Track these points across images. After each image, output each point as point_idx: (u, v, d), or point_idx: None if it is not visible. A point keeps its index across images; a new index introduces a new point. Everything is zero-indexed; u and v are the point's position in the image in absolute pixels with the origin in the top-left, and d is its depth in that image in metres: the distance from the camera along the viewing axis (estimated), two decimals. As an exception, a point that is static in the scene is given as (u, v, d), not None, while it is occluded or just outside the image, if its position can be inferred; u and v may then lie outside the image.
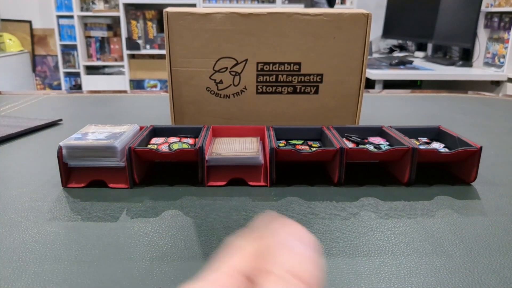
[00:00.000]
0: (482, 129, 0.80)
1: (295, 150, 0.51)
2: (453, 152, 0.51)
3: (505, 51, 2.55)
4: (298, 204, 0.47)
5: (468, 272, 0.35)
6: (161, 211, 0.45)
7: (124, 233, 0.41)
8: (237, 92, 0.66)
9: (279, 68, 0.64)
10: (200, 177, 0.51)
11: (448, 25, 2.78)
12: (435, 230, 0.42)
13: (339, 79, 0.65)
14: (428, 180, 0.54)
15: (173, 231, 0.41)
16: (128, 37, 3.90)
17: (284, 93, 0.66)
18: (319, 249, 0.23)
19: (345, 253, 0.38)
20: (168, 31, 0.62)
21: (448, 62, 2.77)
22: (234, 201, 0.48)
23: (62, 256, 0.37)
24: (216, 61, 0.64)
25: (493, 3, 2.63)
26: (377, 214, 0.45)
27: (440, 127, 0.60)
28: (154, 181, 0.53)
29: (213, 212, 0.45)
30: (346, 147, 0.50)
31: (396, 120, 0.86)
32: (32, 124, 0.76)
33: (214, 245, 0.39)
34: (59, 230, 0.41)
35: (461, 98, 1.12)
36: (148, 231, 0.41)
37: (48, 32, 4.15)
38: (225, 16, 0.61)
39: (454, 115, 0.91)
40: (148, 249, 0.38)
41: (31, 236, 0.40)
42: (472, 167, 0.52)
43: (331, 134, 0.55)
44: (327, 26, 0.62)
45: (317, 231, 0.42)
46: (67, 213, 0.45)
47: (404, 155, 0.51)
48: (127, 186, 0.51)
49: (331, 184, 0.52)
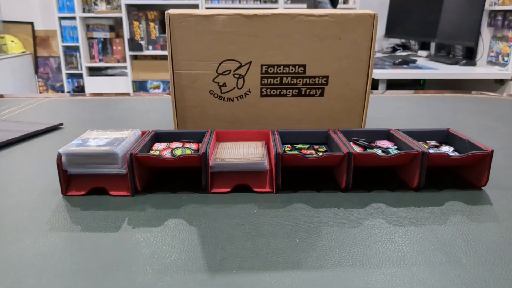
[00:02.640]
0: (489, 130, 0.78)
1: (301, 155, 0.49)
2: (464, 156, 0.49)
3: (509, 49, 2.53)
4: (305, 211, 0.46)
5: (483, 283, 0.34)
6: (164, 220, 0.44)
7: (125, 244, 0.40)
8: (241, 95, 0.64)
9: (283, 70, 0.63)
10: (204, 184, 0.50)
11: (451, 23, 2.75)
12: (448, 238, 0.41)
13: (345, 81, 0.64)
14: (438, 184, 0.52)
15: (177, 241, 0.40)
16: (131, 38, 3.90)
17: (289, 95, 0.64)
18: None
19: (355, 263, 0.37)
20: (170, 33, 0.60)
21: (451, 61, 2.75)
22: (239, 208, 0.47)
23: (61, 269, 0.36)
24: (219, 64, 0.62)
25: (497, 1, 2.61)
26: (386, 222, 0.44)
27: (449, 129, 0.58)
28: (157, 188, 0.52)
29: (218, 220, 0.44)
30: (354, 151, 0.49)
31: (401, 122, 0.84)
32: (33, 129, 0.74)
33: (219, 256, 0.38)
34: (59, 241, 0.40)
35: (465, 98, 1.11)
36: (151, 242, 0.40)
37: (50, 33, 4.15)
38: (228, 17, 0.60)
39: (460, 116, 0.90)
40: (151, 261, 0.37)
41: (30, 247, 0.39)
42: (483, 171, 0.50)
43: (337, 138, 0.54)
44: (333, 27, 0.61)
45: (325, 240, 0.40)
46: (66, 223, 0.43)
47: (413, 159, 0.50)
48: (129, 194, 0.49)
49: (338, 189, 0.51)
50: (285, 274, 0.35)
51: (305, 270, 0.36)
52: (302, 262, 0.37)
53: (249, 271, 0.36)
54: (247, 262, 0.37)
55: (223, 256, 0.38)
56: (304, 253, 0.38)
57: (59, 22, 3.89)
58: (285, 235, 0.41)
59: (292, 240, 0.40)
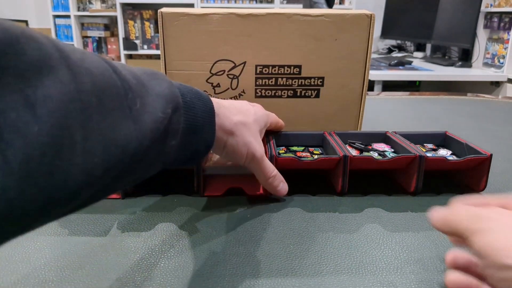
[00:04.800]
0: (486, 133, 0.78)
1: (296, 158, 0.48)
2: (462, 160, 0.48)
3: (505, 51, 2.53)
4: (299, 215, 0.45)
5: (483, 293, 0.33)
6: (154, 224, 0.43)
7: (114, 249, 0.38)
8: (235, 96, 0.63)
9: (278, 71, 0.62)
10: (196, 186, 0.49)
11: (447, 25, 2.76)
12: (446, 244, 0.40)
13: (341, 83, 0.63)
14: (435, 189, 0.51)
15: (167, 246, 0.39)
16: (125, 37, 3.88)
17: (284, 97, 0.63)
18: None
19: (351, 270, 0.36)
20: (163, 32, 0.59)
21: (447, 63, 2.75)
22: (231, 212, 0.46)
23: (47, 276, 0.34)
24: (213, 64, 0.61)
25: (493, 3, 2.61)
26: (383, 227, 0.43)
27: (446, 132, 0.57)
28: (148, 190, 0.50)
29: (209, 224, 0.43)
30: (350, 154, 0.48)
31: (397, 124, 0.84)
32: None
33: (210, 263, 0.36)
34: (44, 246, 0.39)
35: (460, 100, 1.10)
36: (140, 247, 0.39)
37: (45, 32, 4.11)
38: (223, 17, 0.58)
39: (456, 118, 0.89)
40: (139, 267, 0.36)
41: (13, 253, 0.37)
42: (481, 175, 0.49)
43: (333, 141, 0.53)
44: (329, 28, 0.60)
45: (320, 246, 0.39)
46: (53, 226, 0.42)
47: (410, 163, 0.49)
48: (119, 197, 0.48)
49: (334, 193, 0.50)
50: (278, 281, 0.34)
51: (299, 277, 0.35)
52: (296, 268, 0.36)
53: (241, 278, 0.34)
54: (239, 268, 0.36)
55: (214, 262, 0.36)
56: (298, 259, 0.37)
57: (53, 20, 3.87)
58: (278, 241, 0.40)
59: (286, 245, 0.39)
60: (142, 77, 0.31)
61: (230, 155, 0.43)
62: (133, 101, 0.28)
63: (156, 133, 0.29)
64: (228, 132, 0.41)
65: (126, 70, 0.29)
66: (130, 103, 0.27)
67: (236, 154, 0.43)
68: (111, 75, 0.26)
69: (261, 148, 0.45)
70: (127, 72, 0.29)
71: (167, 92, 0.32)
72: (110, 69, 0.26)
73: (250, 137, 0.43)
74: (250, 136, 0.43)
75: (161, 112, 0.30)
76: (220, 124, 0.40)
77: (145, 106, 0.29)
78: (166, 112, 0.31)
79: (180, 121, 0.33)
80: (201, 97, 0.38)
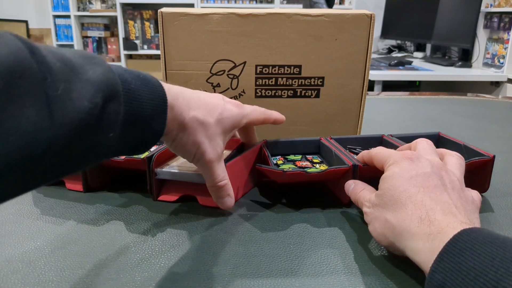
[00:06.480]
0: (486, 133, 0.78)
1: (304, 172, 0.45)
2: (467, 162, 0.48)
3: (505, 51, 2.53)
4: (299, 216, 0.45)
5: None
6: (155, 224, 0.43)
7: (114, 249, 0.38)
8: (235, 96, 0.63)
9: (278, 71, 0.62)
10: (149, 189, 0.48)
11: (447, 25, 2.76)
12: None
13: (341, 83, 0.63)
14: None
15: (167, 246, 0.39)
16: (125, 37, 3.88)
17: (284, 96, 0.63)
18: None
19: (351, 271, 0.35)
20: (163, 32, 0.59)
21: (447, 63, 2.75)
22: (232, 212, 0.45)
23: (47, 276, 0.34)
24: (213, 64, 0.61)
25: (493, 3, 2.61)
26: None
27: (439, 133, 0.57)
28: (112, 187, 0.51)
29: (209, 225, 0.43)
30: (360, 164, 0.45)
31: (397, 125, 0.84)
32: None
33: (210, 263, 0.36)
34: (45, 246, 0.39)
35: (460, 100, 1.10)
36: (140, 247, 0.39)
37: (45, 32, 4.12)
38: (223, 16, 0.59)
39: (456, 119, 0.89)
40: (140, 267, 0.36)
41: (13, 253, 0.37)
42: (484, 177, 0.49)
43: (333, 147, 0.52)
44: (329, 28, 0.60)
45: (321, 246, 0.39)
46: (53, 226, 0.42)
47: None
48: (82, 190, 0.50)
49: (339, 205, 0.48)
50: (278, 281, 0.34)
51: (299, 277, 0.35)
52: (296, 269, 0.36)
53: (241, 278, 0.34)
54: (239, 268, 0.36)
55: (214, 262, 0.36)
56: (299, 259, 0.37)
57: (53, 20, 3.87)
58: (278, 241, 0.40)
59: (286, 245, 0.39)
60: (75, 61, 0.28)
61: (178, 150, 0.41)
62: (53, 86, 0.25)
63: (81, 123, 0.26)
64: (180, 126, 0.38)
65: (52, 52, 0.26)
66: (48, 88, 0.24)
67: (184, 151, 0.40)
68: (25, 56, 0.23)
69: (214, 151, 0.41)
70: (52, 54, 0.26)
71: (101, 78, 0.29)
72: (26, 50, 0.24)
73: (203, 137, 0.40)
74: (203, 136, 0.40)
75: (87, 100, 0.27)
76: (172, 116, 0.37)
77: (69, 92, 0.26)
78: (94, 101, 0.27)
79: (119, 111, 0.30)
80: (150, 84, 0.34)
